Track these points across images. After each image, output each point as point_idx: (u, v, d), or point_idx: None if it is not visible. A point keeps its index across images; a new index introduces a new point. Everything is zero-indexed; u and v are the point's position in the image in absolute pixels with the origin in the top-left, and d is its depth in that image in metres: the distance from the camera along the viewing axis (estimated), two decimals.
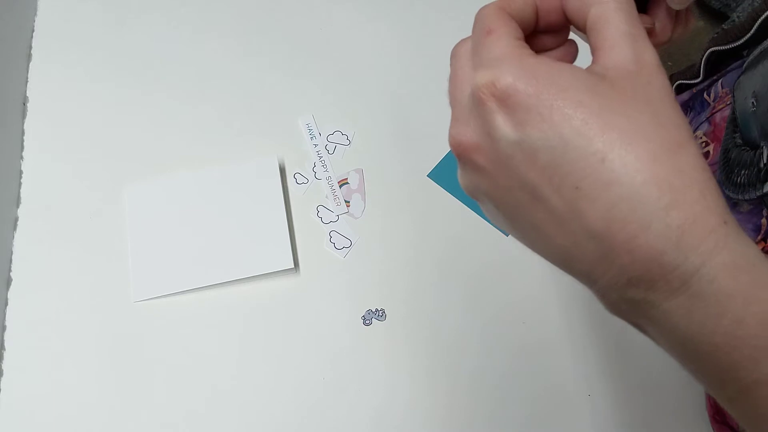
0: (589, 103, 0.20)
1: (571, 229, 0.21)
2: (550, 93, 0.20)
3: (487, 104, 0.21)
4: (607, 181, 0.19)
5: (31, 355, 0.54)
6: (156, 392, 0.53)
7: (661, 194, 0.19)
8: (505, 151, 0.22)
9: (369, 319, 0.57)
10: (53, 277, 0.57)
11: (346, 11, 0.69)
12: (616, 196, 0.19)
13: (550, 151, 0.20)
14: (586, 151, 0.20)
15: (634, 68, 0.21)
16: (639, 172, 0.19)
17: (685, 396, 0.55)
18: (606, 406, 0.55)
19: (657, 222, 0.19)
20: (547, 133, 0.20)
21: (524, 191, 0.22)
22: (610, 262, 0.20)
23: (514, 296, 0.58)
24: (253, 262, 0.57)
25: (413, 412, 0.54)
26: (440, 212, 0.61)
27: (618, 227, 0.19)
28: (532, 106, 0.20)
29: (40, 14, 0.68)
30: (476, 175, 0.24)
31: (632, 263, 0.20)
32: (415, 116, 0.65)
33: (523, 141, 0.21)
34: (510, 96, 0.21)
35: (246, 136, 0.63)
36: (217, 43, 0.67)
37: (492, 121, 0.22)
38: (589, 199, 0.20)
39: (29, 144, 0.62)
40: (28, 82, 0.64)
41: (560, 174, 0.20)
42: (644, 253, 0.19)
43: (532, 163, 0.21)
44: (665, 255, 0.19)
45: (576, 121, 0.20)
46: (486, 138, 0.22)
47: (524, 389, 0.55)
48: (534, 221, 0.22)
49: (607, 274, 0.21)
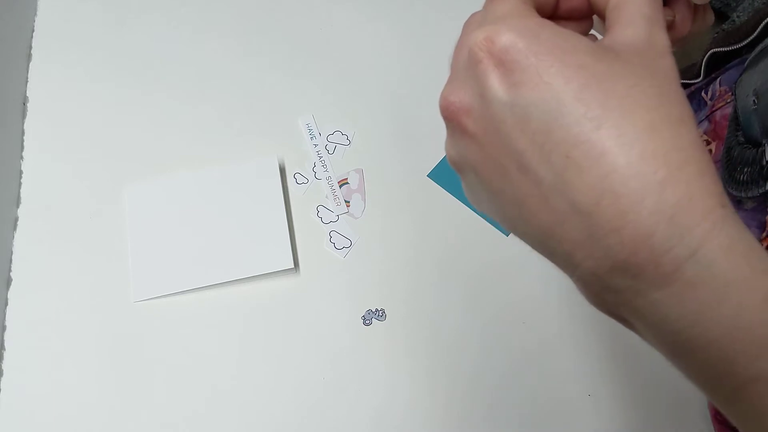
0: (591, 67, 0.19)
1: (558, 203, 0.19)
2: (552, 54, 0.19)
3: (482, 62, 0.20)
4: (600, 150, 0.18)
5: (31, 355, 0.54)
6: (156, 392, 0.53)
7: (657, 168, 0.17)
8: (496, 114, 0.20)
9: (369, 319, 0.57)
10: (53, 277, 0.57)
11: (346, 11, 0.69)
12: (608, 167, 0.18)
13: (544, 116, 0.19)
14: (582, 117, 0.18)
15: (644, 46, 0.20)
16: (636, 142, 0.18)
17: (686, 396, 0.55)
18: (606, 406, 0.55)
19: (650, 197, 0.17)
20: (543, 95, 0.19)
21: (511, 161, 0.20)
22: (596, 242, 0.19)
23: (514, 296, 0.58)
24: (253, 262, 0.57)
25: (413, 412, 0.54)
26: (440, 212, 0.61)
27: (608, 202, 0.18)
28: (531, 66, 0.19)
29: (40, 14, 0.68)
30: (463, 142, 0.22)
31: (620, 243, 0.18)
32: (415, 116, 0.65)
33: (516, 104, 0.19)
34: (508, 54, 0.19)
35: (246, 136, 0.63)
36: (217, 43, 0.67)
37: (486, 80, 0.20)
38: (579, 169, 0.18)
39: (29, 144, 0.62)
40: (28, 82, 0.64)
41: (552, 141, 0.19)
42: (634, 232, 0.17)
43: (523, 128, 0.19)
44: (657, 235, 0.17)
45: (575, 84, 0.19)
46: (478, 99, 0.21)
47: (524, 389, 0.55)
48: (518, 194, 0.21)
49: (592, 257, 0.19)
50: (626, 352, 0.56)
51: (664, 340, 0.20)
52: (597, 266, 0.19)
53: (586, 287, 0.21)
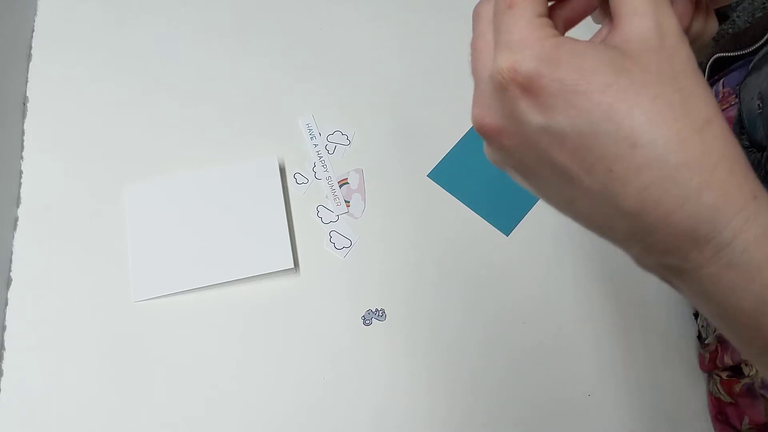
0: (614, 85, 0.20)
1: (605, 207, 0.21)
2: (575, 77, 0.20)
3: (509, 90, 0.21)
4: (639, 165, 0.20)
5: (31, 355, 0.54)
6: (156, 392, 0.53)
7: (692, 175, 0.19)
8: (531, 134, 0.21)
9: (369, 319, 0.57)
10: (53, 277, 0.57)
11: (346, 11, 0.69)
12: (648, 179, 0.20)
13: (580, 137, 0.20)
14: (616, 137, 0.20)
15: (656, 41, 0.21)
16: (669, 155, 0.19)
17: (687, 396, 0.55)
18: (606, 406, 0.54)
19: (690, 202, 0.20)
20: (574, 119, 0.20)
21: (554, 171, 0.22)
22: (645, 235, 0.21)
23: (514, 296, 0.58)
24: (253, 262, 0.57)
25: (413, 412, 0.54)
26: (440, 212, 0.61)
27: (652, 207, 0.20)
28: (558, 92, 0.20)
29: (40, 14, 0.68)
30: (502, 153, 0.24)
31: (667, 237, 0.20)
32: (415, 116, 0.65)
33: (550, 126, 0.21)
34: (533, 82, 0.20)
35: (246, 136, 0.63)
36: (217, 43, 0.67)
37: (516, 106, 0.21)
38: (622, 182, 0.20)
39: (29, 144, 0.62)
40: (28, 82, 0.64)
41: (591, 157, 0.20)
42: (678, 230, 0.20)
43: (560, 146, 0.21)
44: (699, 231, 0.20)
45: (604, 106, 0.20)
46: (511, 122, 0.22)
47: (524, 389, 0.55)
48: (565, 196, 0.23)
49: (643, 243, 0.22)
50: (625, 353, 0.56)
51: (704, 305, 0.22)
52: (647, 250, 0.22)
53: (639, 262, 0.24)
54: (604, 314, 0.57)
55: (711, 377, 0.54)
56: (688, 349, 0.57)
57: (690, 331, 0.57)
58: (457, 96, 0.66)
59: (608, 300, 0.58)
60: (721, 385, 0.52)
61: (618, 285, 0.58)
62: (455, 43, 0.68)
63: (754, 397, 0.48)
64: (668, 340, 0.57)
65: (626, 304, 0.58)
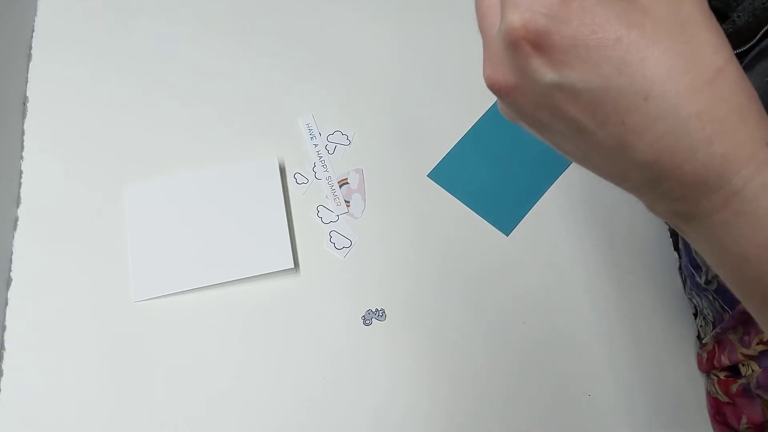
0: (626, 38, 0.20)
1: (618, 159, 0.22)
2: (586, 33, 0.20)
3: (520, 47, 0.21)
4: (652, 117, 0.20)
5: (31, 355, 0.54)
6: (156, 392, 0.53)
7: (703, 125, 0.20)
8: (544, 90, 0.22)
9: (369, 319, 0.57)
10: (53, 277, 0.57)
11: (346, 11, 0.69)
12: (662, 130, 0.20)
13: (592, 92, 0.21)
14: (628, 90, 0.20)
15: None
16: (681, 106, 0.20)
17: (686, 396, 0.55)
18: (606, 406, 0.55)
19: (701, 151, 0.20)
20: (586, 74, 0.20)
21: (566, 125, 0.22)
22: (658, 184, 0.22)
23: (514, 296, 0.58)
24: (253, 262, 0.57)
25: (413, 412, 0.54)
26: (440, 212, 0.61)
27: (666, 157, 0.21)
28: (569, 48, 0.20)
29: (40, 14, 0.68)
30: (515, 109, 0.24)
31: (679, 186, 0.21)
32: (415, 116, 0.65)
33: (562, 82, 0.21)
34: (544, 39, 0.21)
35: (246, 136, 0.63)
36: (217, 44, 0.67)
37: (528, 63, 0.21)
38: (635, 133, 0.21)
39: (29, 144, 0.62)
40: (28, 82, 0.64)
41: (604, 111, 0.21)
42: (690, 178, 0.21)
43: (573, 102, 0.21)
44: (709, 178, 0.21)
45: (615, 59, 0.20)
46: (523, 78, 0.22)
47: (524, 389, 0.55)
48: (581, 148, 0.23)
49: (654, 192, 0.22)
50: (626, 353, 0.56)
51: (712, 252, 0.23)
52: (660, 197, 0.23)
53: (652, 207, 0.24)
54: (604, 314, 0.58)
55: (709, 377, 0.54)
56: (687, 350, 0.57)
57: (689, 331, 0.57)
58: (457, 96, 0.66)
59: (608, 300, 0.58)
60: (719, 385, 0.52)
61: (618, 285, 0.58)
62: (455, 43, 0.68)
63: (751, 397, 0.48)
64: (668, 340, 0.57)
65: (626, 304, 0.58)
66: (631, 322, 0.57)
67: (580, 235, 0.59)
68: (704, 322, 0.56)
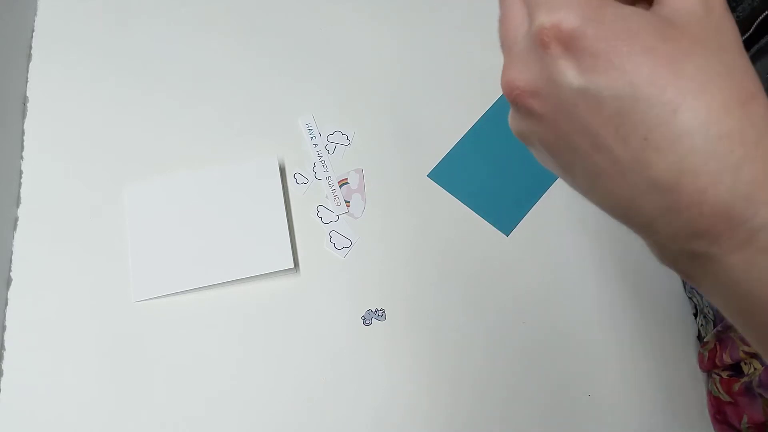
0: (659, 49, 0.19)
1: (635, 180, 0.20)
2: (620, 38, 0.19)
3: (550, 48, 0.20)
4: (678, 132, 0.19)
5: (31, 355, 0.54)
6: (156, 392, 0.53)
7: (733, 147, 0.18)
8: (567, 97, 0.21)
9: (369, 319, 0.57)
10: (53, 277, 0.57)
11: (346, 11, 0.69)
12: (687, 148, 0.19)
13: (618, 100, 0.19)
14: (657, 101, 0.19)
15: (703, 13, 0.20)
16: (712, 124, 0.19)
17: (686, 396, 0.55)
18: (606, 406, 0.55)
19: (728, 176, 0.18)
20: (616, 82, 0.19)
21: (585, 139, 0.21)
22: (676, 214, 0.20)
23: (514, 296, 0.58)
24: (253, 262, 0.57)
25: (413, 412, 0.54)
26: (440, 212, 0.61)
27: (688, 180, 0.19)
28: (601, 52, 0.19)
29: (40, 14, 0.68)
30: (530, 120, 0.23)
31: (700, 216, 0.19)
32: (415, 116, 0.65)
33: (588, 89, 0.20)
34: (576, 40, 0.20)
35: (246, 136, 0.63)
36: (217, 44, 0.67)
37: (555, 66, 0.20)
38: (658, 150, 0.19)
39: (29, 144, 0.62)
40: (28, 82, 0.64)
41: (628, 123, 0.19)
42: (713, 207, 0.19)
43: (597, 111, 0.20)
44: (734, 209, 0.19)
45: (647, 68, 0.19)
46: (547, 83, 0.21)
47: (524, 389, 0.55)
48: (593, 169, 0.21)
49: (671, 227, 0.20)
50: (626, 353, 0.56)
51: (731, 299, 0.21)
52: (676, 234, 0.20)
53: (660, 249, 0.22)
54: (604, 314, 0.57)
55: (710, 376, 0.54)
56: (687, 349, 0.57)
57: (690, 330, 0.57)
58: (457, 96, 0.66)
59: (608, 300, 0.58)
60: (720, 384, 0.52)
61: (618, 285, 0.58)
62: (455, 43, 0.68)
63: (753, 396, 0.48)
64: (668, 340, 0.57)
65: (626, 304, 0.58)
66: (631, 321, 0.57)
67: (579, 235, 0.59)
68: (705, 321, 0.56)
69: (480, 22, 0.67)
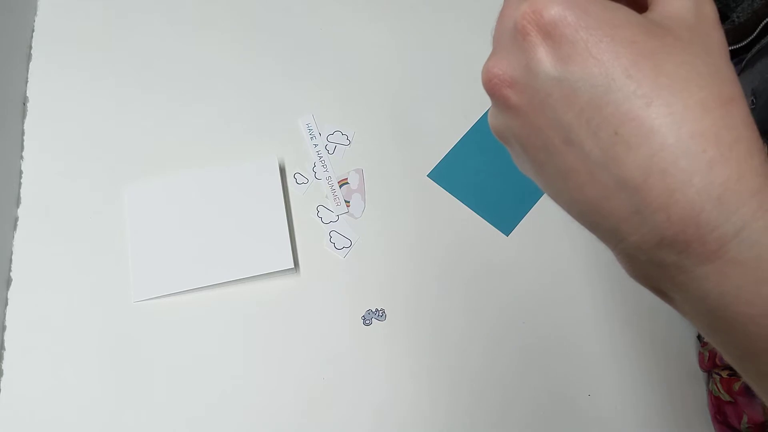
0: (642, 43, 0.19)
1: (604, 178, 0.19)
2: (602, 28, 0.19)
3: (529, 35, 0.20)
4: (650, 127, 0.18)
5: (31, 355, 0.54)
6: (156, 392, 0.53)
7: (706, 147, 0.17)
8: (543, 87, 0.20)
9: (369, 319, 0.57)
10: (53, 277, 0.57)
11: (346, 11, 0.69)
12: (657, 145, 0.18)
13: (592, 91, 0.19)
14: (632, 94, 0.18)
15: (694, 20, 0.20)
16: (686, 121, 0.18)
17: (686, 396, 0.55)
18: (606, 406, 0.55)
19: (699, 177, 0.17)
20: (592, 71, 0.19)
21: (557, 133, 0.20)
22: (643, 218, 0.19)
23: (513, 296, 0.58)
24: (253, 262, 0.57)
25: (413, 412, 0.54)
26: (440, 212, 0.61)
27: (656, 179, 0.18)
28: (580, 41, 0.19)
29: (40, 14, 0.68)
30: (507, 114, 0.22)
31: (667, 220, 0.18)
32: (415, 116, 0.65)
33: (564, 78, 0.19)
34: (556, 27, 0.19)
35: (246, 136, 0.63)
36: (217, 43, 0.67)
37: (533, 53, 0.20)
38: (627, 146, 0.18)
39: (29, 144, 0.62)
40: (28, 82, 0.64)
41: (600, 116, 0.19)
42: (682, 210, 0.18)
43: (570, 102, 0.19)
44: (704, 213, 0.17)
45: (625, 60, 0.18)
46: (524, 72, 0.21)
47: (524, 389, 0.55)
48: (563, 167, 0.21)
49: (638, 232, 0.19)
50: (625, 353, 0.56)
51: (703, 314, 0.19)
52: (643, 241, 0.19)
53: (629, 260, 0.21)
54: (604, 314, 0.57)
55: (711, 376, 0.54)
56: (687, 349, 0.57)
57: (690, 330, 0.57)
58: (457, 96, 0.66)
59: (608, 299, 0.58)
60: (721, 384, 0.52)
61: (618, 284, 0.58)
62: (455, 44, 0.68)
63: (753, 396, 0.48)
64: (668, 339, 0.57)
65: (626, 303, 0.58)
66: (631, 321, 0.57)
67: (579, 235, 0.59)
68: None
69: (480, 22, 0.67)
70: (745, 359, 0.20)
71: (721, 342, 0.20)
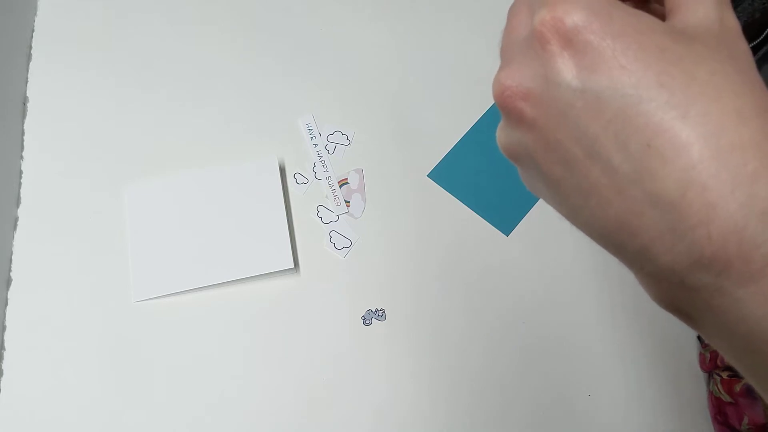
0: (671, 50, 0.17)
1: (634, 194, 0.18)
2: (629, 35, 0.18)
3: (549, 43, 0.19)
4: (686, 139, 0.17)
5: (31, 355, 0.54)
6: (156, 392, 0.53)
7: (747, 159, 0.16)
8: (563, 99, 0.19)
9: (369, 319, 0.57)
10: (53, 277, 0.57)
11: (346, 11, 0.69)
12: (696, 158, 0.16)
13: (622, 101, 0.17)
14: (665, 104, 0.17)
15: (718, 29, 0.19)
16: (724, 131, 0.16)
17: (687, 396, 0.55)
18: (606, 406, 0.54)
19: (741, 190, 0.16)
20: (621, 81, 0.17)
21: (580, 147, 0.19)
22: (679, 235, 0.17)
23: (514, 296, 0.58)
24: (253, 262, 0.57)
25: (413, 412, 0.54)
26: (440, 212, 0.61)
27: (694, 194, 0.16)
28: (606, 48, 0.18)
29: (40, 14, 0.68)
30: (520, 128, 0.21)
31: (707, 237, 0.16)
32: (415, 116, 0.65)
33: (588, 88, 0.18)
34: (579, 35, 0.18)
35: (246, 136, 0.63)
36: (217, 43, 0.67)
37: (552, 63, 0.19)
38: (662, 159, 0.17)
39: (29, 144, 0.62)
40: (28, 82, 0.64)
41: (629, 128, 0.17)
42: (723, 226, 0.16)
43: (596, 114, 0.18)
44: (747, 230, 0.16)
45: (655, 68, 0.17)
46: (541, 83, 0.19)
47: (524, 389, 0.55)
48: (585, 184, 0.19)
49: (672, 251, 0.17)
50: (626, 353, 0.56)
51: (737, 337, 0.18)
52: (676, 261, 0.18)
53: (657, 283, 0.19)
54: (604, 314, 0.57)
55: (711, 377, 0.54)
56: (688, 349, 0.57)
57: (690, 330, 0.57)
58: (457, 96, 0.66)
59: (608, 299, 0.58)
60: (722, 385, 0.52)
61: (618, 284, 0.58)
62: (455, 44, 0.68)
63: (754, 398, 0.48)
64: (668, 339, 0.57)
65: (626, 303, 0.58)
66: (631, 321, 0.57)
67: (579, 235, 0.59)
68: None
69: (480, 23, 0.67)
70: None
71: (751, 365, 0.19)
